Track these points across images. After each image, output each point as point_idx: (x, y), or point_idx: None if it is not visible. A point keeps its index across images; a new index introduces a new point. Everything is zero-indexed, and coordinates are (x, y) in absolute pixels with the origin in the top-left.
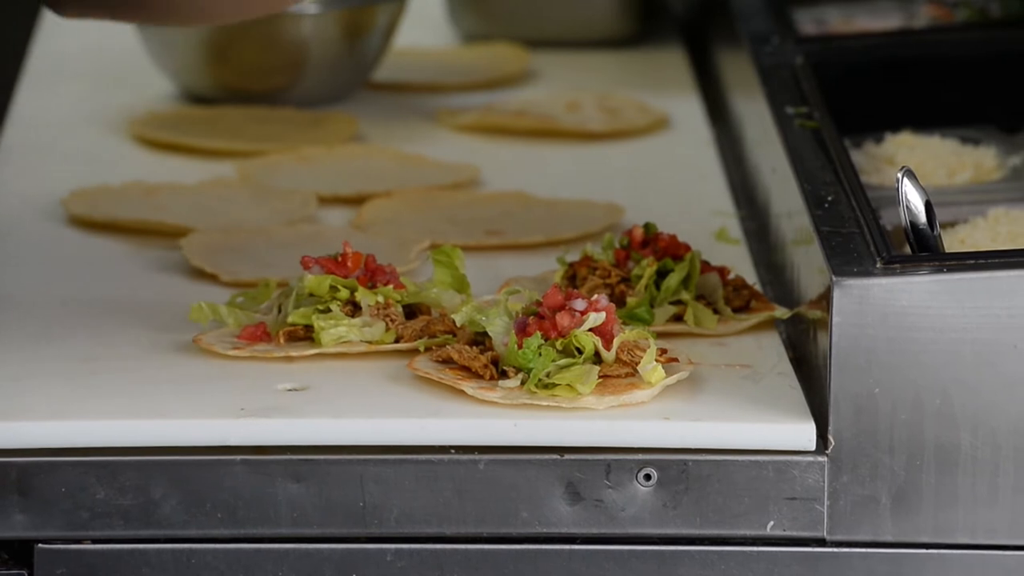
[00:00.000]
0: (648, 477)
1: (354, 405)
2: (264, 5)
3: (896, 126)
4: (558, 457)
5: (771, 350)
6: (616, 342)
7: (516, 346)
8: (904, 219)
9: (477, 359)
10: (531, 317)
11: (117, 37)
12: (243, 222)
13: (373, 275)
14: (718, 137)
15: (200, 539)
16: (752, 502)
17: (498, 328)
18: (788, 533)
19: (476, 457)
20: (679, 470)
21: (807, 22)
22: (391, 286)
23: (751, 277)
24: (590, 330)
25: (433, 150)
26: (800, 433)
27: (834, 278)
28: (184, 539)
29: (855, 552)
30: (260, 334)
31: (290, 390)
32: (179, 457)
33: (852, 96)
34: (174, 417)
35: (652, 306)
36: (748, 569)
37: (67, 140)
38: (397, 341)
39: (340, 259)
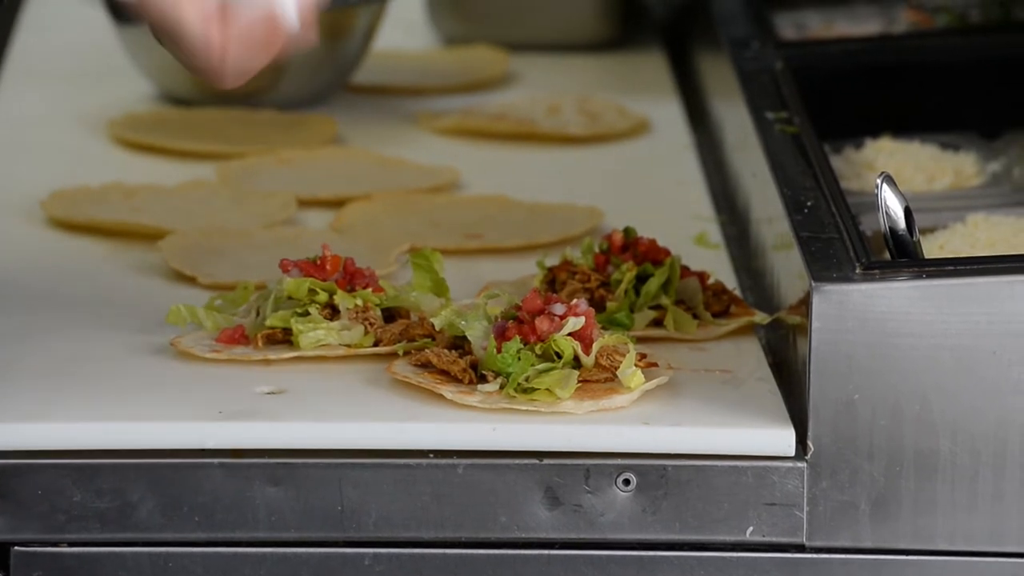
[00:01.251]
0: (627, 482)
1: (332, 409)
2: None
3: (876, 131)
4: (537, 462)
5: (751, 355)
6: (595, 347)
7: (495, 350)
8: (883, 225)
9: (456, 363)
10: (510, 321)
11: (96, 37)
12: (222, 224)
13: (352, 278)
14: (698, 142)
15: (177, 542)
16: (731, 507)
17: (477, 332)
18: (767, 539)
19: (455, 461)
20: (658, 475)
21: (787, 27)
22: (370, 289)
23: (731, 282)
24: (569, 335)
25: (413, 153)
26: (779, 439)
27: (813, 283)
28: (161, 542)
29: (834, 558)
30: (238, 337)
31: (268, 393)
32: (157, 460)
33: (832, 101)
34: (152, 420)
35: (632, 311)
36: (727, 575)
37: (46, 141)
38: (376, 345)
39: (319, 262)
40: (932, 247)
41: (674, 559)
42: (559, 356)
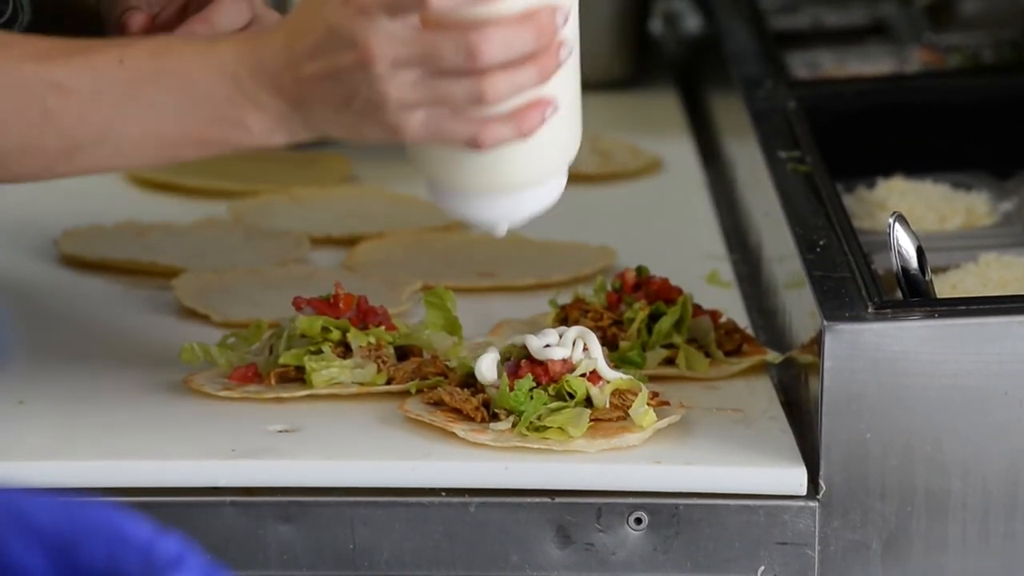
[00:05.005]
0: (639, 521)
1: (345, 447)
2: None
3: (888, 171)
4: (549, 500)
5: (762, 394)
6: (608, 388)
7: (508, 388)
8: (896, 264)
9: (468, 401)
10: (523, 360)
11: None
12: (235, 262)
13: (365, 316)
14: (710, 180)
15: None
16: (743, 547)
17: (483, 364)
18: None
19: (467, 500)
20: (670, 514)
21: (800, 66)
22: (383, 327)
23: (743, 321)
24: (582, 375)
25: (426, 192)
26: (791, 478)
27: (825, 323)
28: None
29: None
30: (251, 375)
31: (281, 431)
32: (169, 498)
33: (844, 140)
34: (164, 458)
35: (644, 350)
36: None
37: (60, 180)
38: (388, 383)
39: (332, 300)
40: (944, 287)
41: None
42: (571, 396)
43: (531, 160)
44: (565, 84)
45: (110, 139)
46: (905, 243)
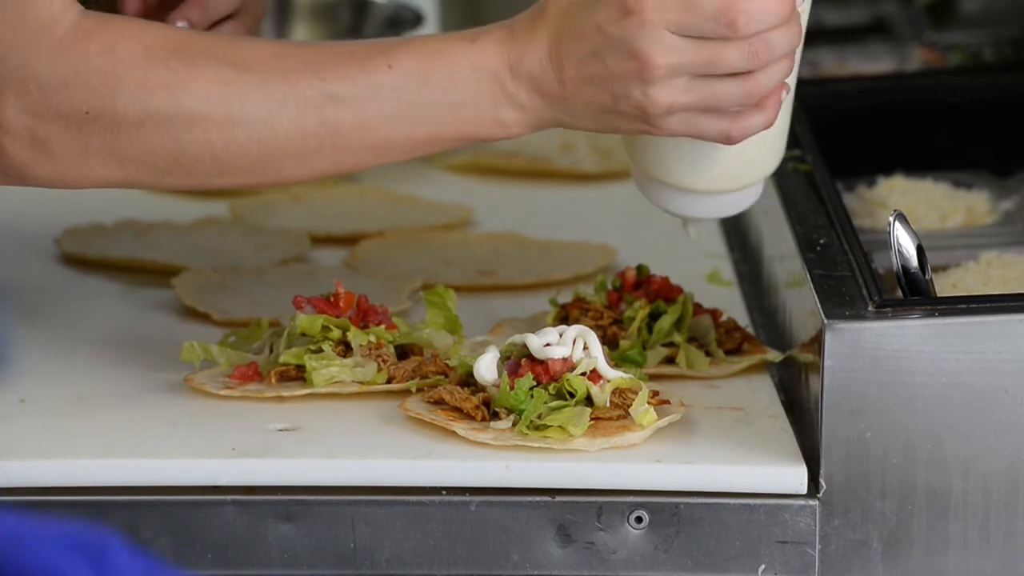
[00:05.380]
0: (640, 519)
1: (345, 446)
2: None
3: (889, 170)
4: (549, 499)
5: (763, 393)
6: (609, 387)
7: (508, 387)
8: (896, 263)
9: (469, 400)
10: (523, 359)
11: None
12: (236, 261)
13: (365, 315)
14: None
15: None
16: (743, 545)
17: (482, 364)
18: None
19: (467, 499)
20: (671, 513)
21: (800, 65)
22: (383, 326)
23: (743, 320)
24: (582, 374)
25: (426, 190)
26: (792, 476)
27: (826, 321)
28: None
29: None
30: (252, 374)
31: (281, 430)
32: (170, 497)
33: (845, 139)
34: (165, 457)
35: (644, 348)
36: None
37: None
38: (389, 382)
39: (332, 299)
40: (945, 285)
41: None
42: (572, 395)
43: (750, 164)
44: (792, 83)
45: (379, 143)
46: (905, 242)
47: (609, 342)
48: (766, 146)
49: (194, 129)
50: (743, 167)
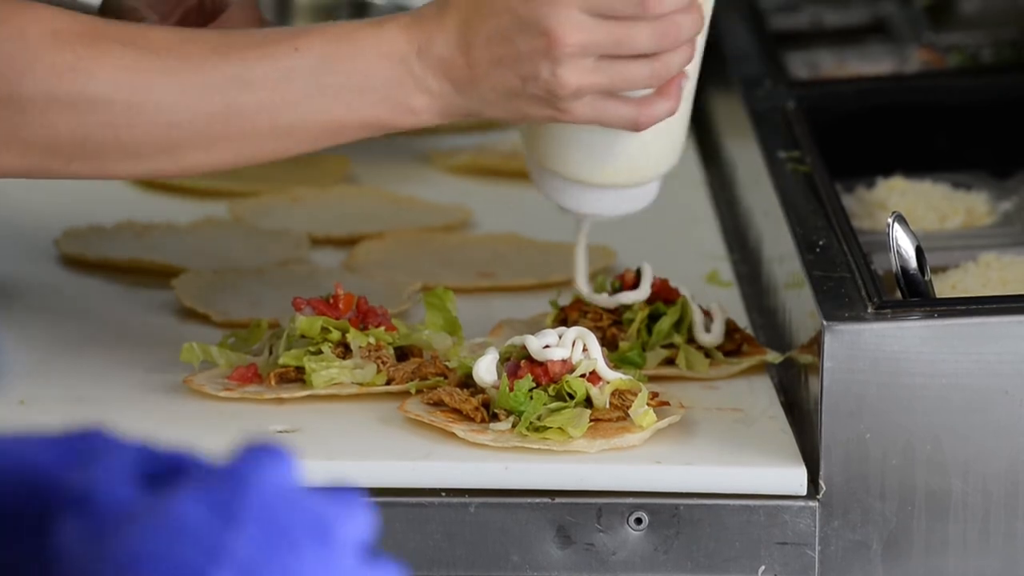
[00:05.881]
0: (639, 521)
1: (345, 447)
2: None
3: (888, 171)
4: (549, 500)
5: (762, 394)
6: (608, 389)
7: (507, 389)
8: (895, 264)
9: (468, 402)
10: (523, 361)
11: None
12: (235, 262)
13: (365, 317)
14: (710, 180)
15: None
16: (743, 547)
17: (481, 365)
18: None
19: (466, 500)
20: (670, 514)
21: (799, 66)
22: (383, 328)
23: (743, 321)
24: (582, 375)
25: (426, 191)
26: (791, 478)
27: (825, 323)
28: None
29: None
30: (251, 375)
31: (281, 432)
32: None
33: (844, 140)
34: None
35: (644, 350)
36: None
37: (60, 180)
38: (388, 383)
39: (332, 300)
40: (944, 286)
41: None
42: (571, 396)
43: (649, 159)
44: (692, 75)
45: (284, 128)
46: (904, 243)
47: (608, 344)
48: (666, 140)
49: (99, 113)
50: (642, 161)
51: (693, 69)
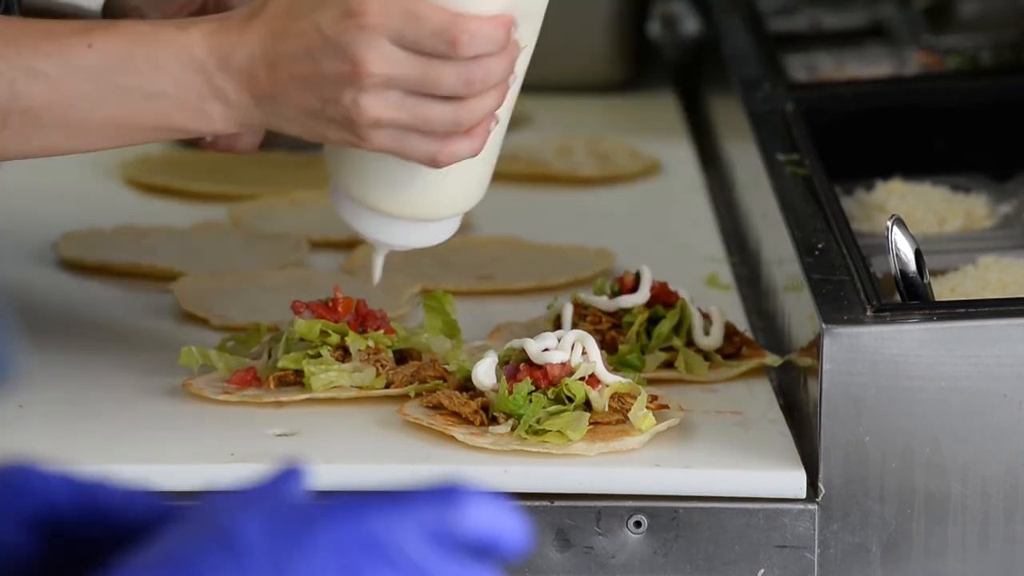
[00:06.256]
0: (638, 524)
1: (344, 450)
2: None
3: (887, 173)
4: (548, 503)
5: (762, 397)
6: (607, 392)
7: (507, 392)
8: (894, 267)
9: (467, 405)
10: (522, 364)
11: None
12: (234, 266)
13: (364, 320)
14: (709, 183)
15: None
16: (742, 550)
17: (480, 369)
18: None
19: None
20: (669, 517)
21: (798, 69)
22: (382, 331)
23: (742, 324)
24: (581, 378)
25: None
26: (790, 481)
27: (824, 326)
28: None
29: None
30: (250, 379)
31: (280, 435)
32: (167, 503)
33: (843, 143)
34: (163, 462)
35: (643, 353)
36: None
37: (59, 184)
38: (387, 386)
39: (331, 304)
40: (943, 289)
41: None
42: (570, 400)
43: (446, 195)
44: (502, 118)
45: (72, 122)
46: (903, 246)
47: (608, 347)
48: (468, 179)
49: None
50: (439, 197)
51: (504, 111)
